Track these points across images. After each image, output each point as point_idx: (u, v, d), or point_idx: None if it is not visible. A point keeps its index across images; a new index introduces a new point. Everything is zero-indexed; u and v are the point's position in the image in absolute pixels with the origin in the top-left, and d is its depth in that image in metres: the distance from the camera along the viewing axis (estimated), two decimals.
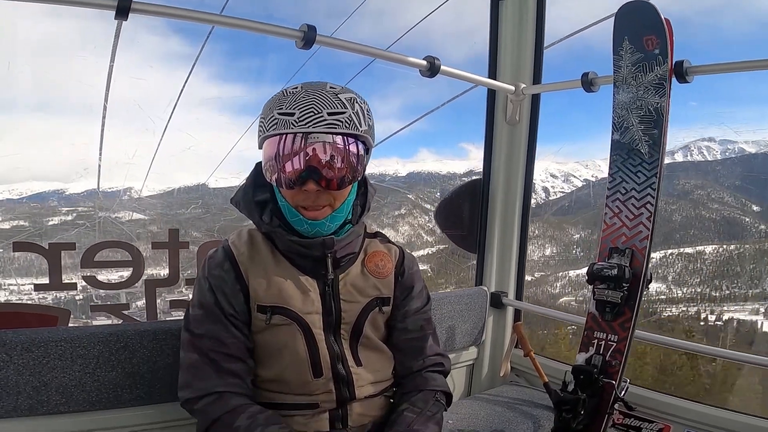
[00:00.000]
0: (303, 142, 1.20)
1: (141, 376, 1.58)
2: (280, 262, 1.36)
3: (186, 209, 2.88)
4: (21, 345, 1.43)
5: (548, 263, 7.38)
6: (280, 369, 1.35)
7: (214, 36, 2.40)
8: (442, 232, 2.69)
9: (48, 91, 2.48)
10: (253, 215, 1.37)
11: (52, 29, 2.21)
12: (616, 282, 1.77)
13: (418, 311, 1.53)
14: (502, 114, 2.51)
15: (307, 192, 1.24)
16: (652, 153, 1.81)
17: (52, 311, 1.68)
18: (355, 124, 1.24)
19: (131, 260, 1.79)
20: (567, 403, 1.79)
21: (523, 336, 2.44)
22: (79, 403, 1.52)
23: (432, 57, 2.05)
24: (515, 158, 2.54)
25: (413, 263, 1.56)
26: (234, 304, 1.32)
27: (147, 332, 1.58)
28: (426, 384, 1.49)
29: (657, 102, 1.81)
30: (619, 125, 1.89)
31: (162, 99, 2.61)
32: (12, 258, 1.88)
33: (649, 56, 1.82)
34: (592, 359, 1.84)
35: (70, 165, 2.49)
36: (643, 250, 1.80)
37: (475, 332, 2.50)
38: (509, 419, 2.12)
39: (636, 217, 1.83)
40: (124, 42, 1.96)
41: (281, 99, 1.24)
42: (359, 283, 1.41)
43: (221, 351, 1.30)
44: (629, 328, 1.78)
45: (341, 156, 1.23)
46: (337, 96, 1.24)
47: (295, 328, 1.33)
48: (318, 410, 1.37)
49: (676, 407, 2.02)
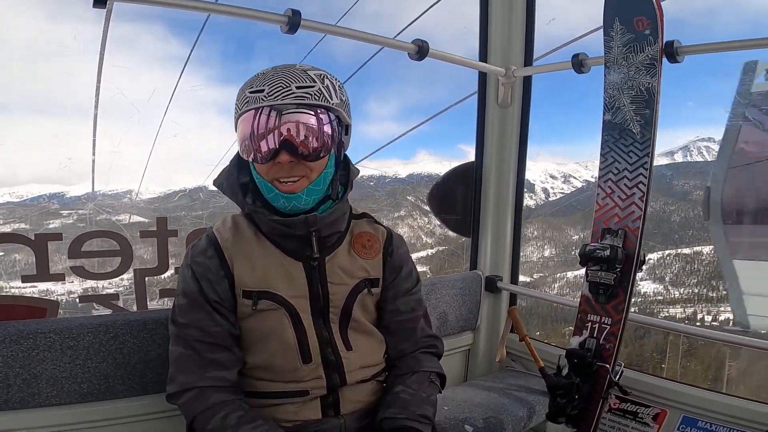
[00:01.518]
0: (275, 117, 1.21)
1: (132, 367, 1.58)
2: (265, 246, 1.35)
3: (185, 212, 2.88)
4: (9, 337, 1.42)
5: (547, 264, 7.40)
6: (268, 355, 1.34)
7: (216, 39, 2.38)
8: (436, 217, 2.67)
9: (48, 94, 2.49)
10: (236, 195, 1.35)
11: (49, 32, 2.20)
12: (609, 263, 1.76)
13: (408, 292, 1.52)
14: (494, 97, 2.49)
15: (281, 164, 1.24)
16: (644, 133, 1.80)
17: (40, 303, 1.67)
18: (325, 97, 1.25)
19: (119, 249, 1.78)
20: (561, 388, 1.79)
21: (518, 320, 2.44)
22: (71, 395, 1.52)
23: (420, 40, 2.03)
24: (508, 141, 2.53)
25: (401, 243, 1.54)
26: (219, 291, 1.30)
27: (137, 322, 1.58)
28: (420, 365, 1.49)
29: (648, 82, 1.79)
30: (611, 105, 1.87)
31: (162, 99, 2.60)
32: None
33: (639, 37, 1.80)
34: (585, 342, 1.84)
35: (70, 168, 2.49)
36: (635, 230, 1.78)
37: (470, 317, 2.50)
38: (505, 405, 2.12)
39: (628, 197, 1.81)
40: (125, 44, 1.95)
41: (252, 80, 1.26)
42: (346, 265, 1.40)
43: (205, 341, 1.29)
44: (623, 310, 1.78)
45: (313, 128, 1.24)
46: (305, 72, 1.26)
47: (282, 313, 1.32)
48: (308, 397, 1.36)
49: (672, 392, 2.02)
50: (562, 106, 18.50)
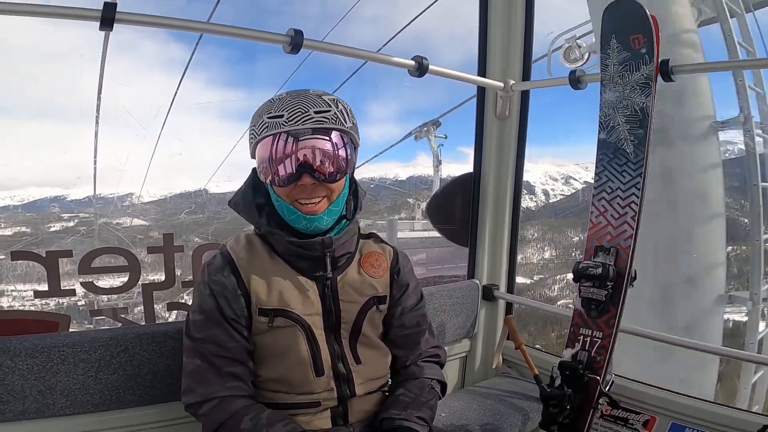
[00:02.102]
0: (295, 141, 1.26)
1: (142, 378, 1.64)
2: (279, 265, 1.40)
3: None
4: (25, 351, 1.48)
5: (547, 266, 7.43)
6: (283, 370, 1.39)
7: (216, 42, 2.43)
8: (435, 227, 2.73)
9: (48, 99, 2.52)
10: (252, 216, 1.41)
11: (51, 38, 2.23)
12: (600, 280, 1.81)
13: (413, 308, 1.58)
14: (492, 109, 2.53)
15: (303, 186, 1.30)
16: (637, 153, 1.84)
17: (52, 317, 1.73)
18: (341, 121, 1.31)
19: (128, 265, 1.84)
20: (553, 398, 1.84)
21: (514, 329, 2.50)
22: (83, 405, 1.57)
23: (420, 57, 2.07)
24: (505, 152, 2.58)
25: (407, 261, 1.60)
26: (235, 309, 1.35)
27: (146, 335, 1.63)
28: (421, 372, 1.55)
29: (643, 102, 1.83)
30: (606, 124, 1.91)
31: (162, 105, 2.64)
32: (13, 265, 1.93)
33: (636, 55, 1.84)
34: (578, 355, 1.89)
35: (71, 171, 2.53)
36: (627, 248, 1.83)
37: (467, 325, 2.56)
38: (500, 412, 2.18)
39: (621, 216, 1.86)
40: (124, 49, 1.98)
41: (269, 105, 1.31)
42: (356, 283, 1.45)
43: (222, 355, 1.34)
44: (614, 325, 1.83)
45: (332, 150, 1.30)
46: (320, 97, 1.31)
47: (297, 329, 1.38)
48: (320, 408, 1.41)
49: (661, 399, 2.08)
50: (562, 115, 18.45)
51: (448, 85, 2.35)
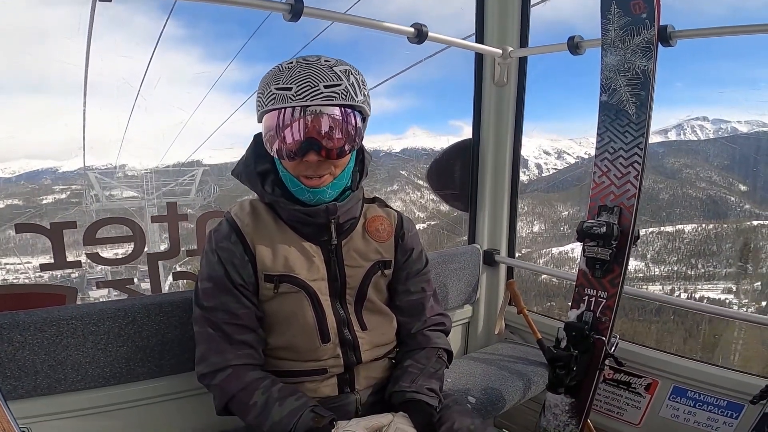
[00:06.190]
0: (302, 115, 1.22)
1: (151, 349, 1.63)
2: (284, 231, 1.39)
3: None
4: (34, 325, 1.46)
5: (536, 240, 7.47)
6: (290, 336, 1.39)
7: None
8: (434, 192, 2.73)
9: (41, 72, 2.46)
10: (255, 186, 1.39)
11: (46, 12, 2.16)
12: (604, 239, 1.84)
13: (418, 273, 1.58)
14: (490, 76, 2.52)
15: (308, 162, 1.26)
16: (639, 114, 1.85)
17: (59, 290, 1.71)
18: (351, 95, 1.25)
19: (132, 235, 1.82)
20: (560, 360, 1.87)
21: (516, 293, 2.53)
22: (95, 379, 1.57)
23: (419, 24, 2.05)
24: (504, 118, 2.57)
25: (412, 226, 1.60)
26: (243, 275, 1.35)
27: (153, 305, 1.62)
28: (428, 342, 1.55)
29: (644, 65, 1.83)
30: (607, 87, 1.92)
31: (161, 77, 2.58)
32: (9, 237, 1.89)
33: (636, 20, 1.84)
34: (583, 316, 1.92)
35: (64, 143, 2.49)
36: (630, 207, 1.85)
37: (469, 290, 2.57)
38: (504, 377, 2.20)
39: (624, 176, 1.88)
40: (117, 24, 1.93)
41: (278, 74, 1.24)
42: (361, 248, 1.45)
43: (233, 322, 1.34)
44: (618, 284, 1.86)
45: (339, 127, 1.25)
46: (332, 69, 1.25)
47: (303, 296, 1.37)
48: (326, 375, 1.42)
49: (664, 362, 2.12)
50: (557, 86, 18.36)
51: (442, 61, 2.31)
